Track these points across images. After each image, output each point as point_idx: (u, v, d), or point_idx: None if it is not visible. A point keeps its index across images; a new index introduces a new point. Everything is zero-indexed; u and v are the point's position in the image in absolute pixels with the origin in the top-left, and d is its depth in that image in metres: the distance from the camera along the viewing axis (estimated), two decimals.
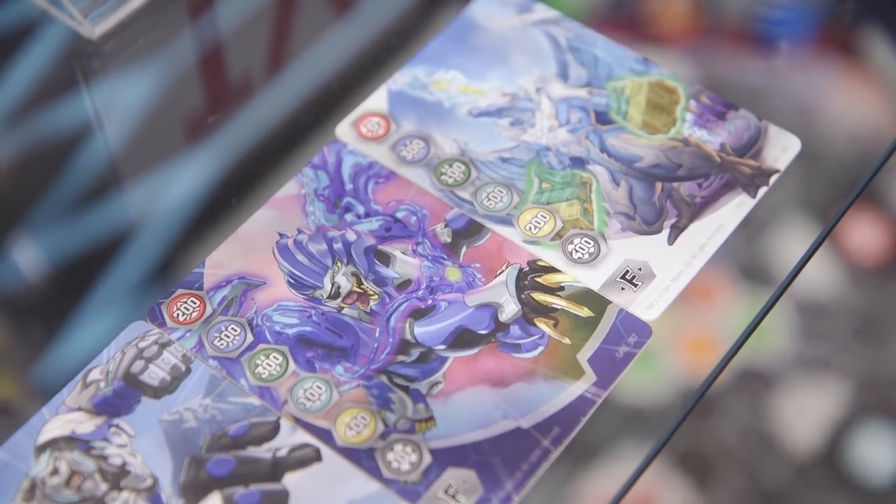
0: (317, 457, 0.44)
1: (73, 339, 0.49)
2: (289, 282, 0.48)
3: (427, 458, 0.44)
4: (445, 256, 0.49)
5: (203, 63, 0.56)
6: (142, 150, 0.54)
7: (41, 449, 0.45)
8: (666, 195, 0.50)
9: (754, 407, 0.71)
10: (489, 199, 0.50)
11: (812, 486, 0.66)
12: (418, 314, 0.47)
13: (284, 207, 0.50)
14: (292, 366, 0.46)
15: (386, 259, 0.49)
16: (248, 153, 0.53)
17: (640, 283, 0.48)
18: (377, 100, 0.53)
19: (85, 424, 0.45)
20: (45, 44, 0.56)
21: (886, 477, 0.67)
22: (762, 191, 0.50)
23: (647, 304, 0.47)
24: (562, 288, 0.48)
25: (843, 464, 0.66)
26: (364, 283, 0.48)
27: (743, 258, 0.54)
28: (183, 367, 0.46)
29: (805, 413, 0.68)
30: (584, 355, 0.46)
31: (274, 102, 0.55)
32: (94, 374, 0.46)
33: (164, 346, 0.47)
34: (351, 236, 0.49)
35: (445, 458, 0.44)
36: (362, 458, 0.44)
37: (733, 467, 0.68)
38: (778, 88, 0.56)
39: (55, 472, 0.44)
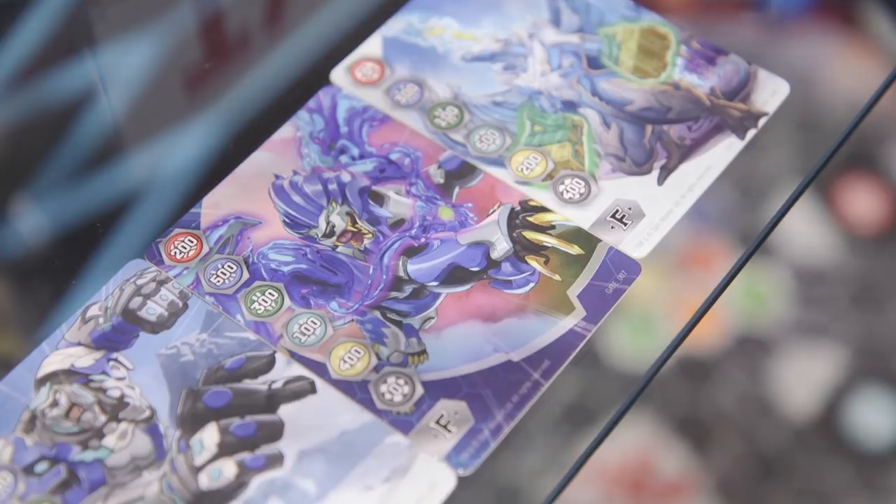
0: (311, 389, 0.45)
1: (73, 282, 0.50)
2: (284, 221, 0.49)
3: (419, 390, 0.45)
4: (438, 196, 0.49)
5: (201, 11, 0.57)
6: (142, 102, 0.55)
7: (41, 382, 0.46)
8: (656, 137, 0.51)
9: (752, 372, 0.72)
10: (482, 142, 0.51)
11: (809, 450, 0.67)
12: (411, 252, 0.48)
13: (280, 150, 0.51)
14: (287, 302, 0.47)
15: (380, 199, 0.49)
16: (245, 98, 0.54)
17: (629, 222, 0.49)
18: (372, 46, 0.54)
19: (84, 359, 0.46)
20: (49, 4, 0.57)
21: (883, 441, 0.68)
22: (751, 133, 0.51)
23: (637, 243, 0.48)
24: (552, 227, 0.49)
25: (840, 428, 0.67)
26: (358, 222, 0.49)
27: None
28: (180, 304, 0.47)
29: (803, 378, 0.69)
30: (574, 291, 0.47)
31: (270, 49, 0.55)
32: (93, 311, 0.47)
33: (161, 283, 0.48)
34: (345, 177, 0.50)
35: (437, 390, 0.45)
36: (356, 390, 0.45)
37: (731, 432, 0.68)
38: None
39: (55, 404, 0.45)
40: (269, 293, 0.47)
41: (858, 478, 0.66)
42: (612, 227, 0.48)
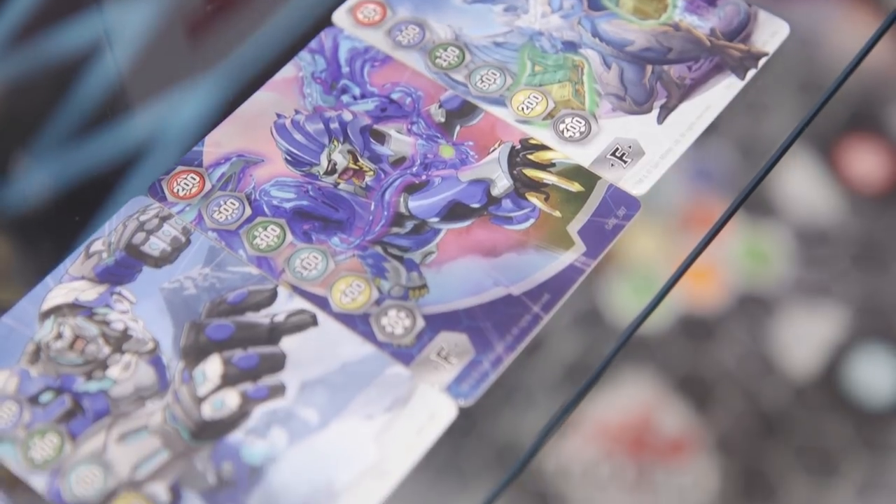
0: (313, 322, 0.45)
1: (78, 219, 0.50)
2: (286, 159, 0.49)
3: (420, 323, 0.45)
4: (439, 135, 0.50)
5: None
6: (145, 49, 0.55)
7: (45, 315, 0.46)
8: (656, 77, 0.51)
9: (754, 331, 0.72)
10: (483, 81, 0.51)
11: (810, 408, 0.67)
12: (412, 189, 0.48)
13: (282, 89, 0.51)
14: (289, 237, 0.47)
15: (381, 137, 0.50)
16: (248, 41, 0.54)
17: (629, 160, 0.49)
18: None
19: (88, 292, 0.46)
20: None
21: (883, 399, 0.68)
22: (751, 73, 0.51)
23: (637, 180, 0.48)
24: (553, 164, 0.49)
25: (840, 387, 0.67)
26: (360, 159, 0.49)
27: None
28: (183, 239, 0.47)
29: (804, 337, 0.69)
30: (574, 227, 0.47)
31: None
32: (97, 246, 0.47)
33: (164, 219, 0.48)
34: (347, 116, 0.50)
35: (438, 322, 0.45)
36: (357, 322, 0.45)
37: (732, 390, 0.69)
38: None
39: (59, 336, 0.45)
40: (272, 228, 0.47)
41: (859, 435, 0.67)
42: (612, 165, 0.49)
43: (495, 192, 0.48)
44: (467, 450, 0.58)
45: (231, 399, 0.44)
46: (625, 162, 0.49)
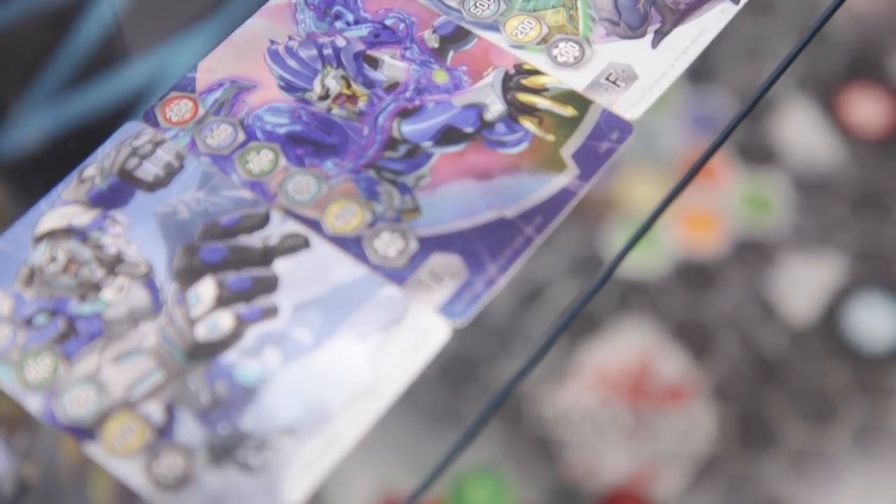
0: (306, 244, 0.46)
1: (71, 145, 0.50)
2: (279, 85, 0.49)
3: (413, 245, 0.45)
4: (433, 60, 0.50)
5: None
6: None
7: (39, 239, 0.46)
8: (650, 2, 0.51)
9: (753, 278, 0.72)
10: (476, 7, 0.51)
11: (809, 354, 0.67)
12: (406, 113, 0.48)
13: (275, 16, 0.51)
14: (283, 161, 0.47)
15: (374, 63, 0.49)
16: None
17: (622, 84, 0.49)
18: None
19: (81, 216, 0.46)
20: None
21: (881, 344, 0.68)
22: None
23: (630, 104, 0.48)
24: (546, 89, 0.49)
25: (839, 332, 0.67)
26: (353, 85, 0.49)
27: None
28: (176, 164, 0.47)
29: (803, 284, 0.69)
30: (567, 150, 0.47)
31: None
32: (90, 171, 0.47)
33: (157, 144, 0.48)
34: (340, 42, 0.50)
35: (431, 245, 0.45)
36: (350, 245, 0.45)
37: (731, 337, 0.69)
38: None
39: (53, 259, 0.46)
40: (265, 153, 0.47)
41: (856, 380, 0.67)
42: (606, 90, 0.49)
43: (489, 116, 0.48)
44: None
45: (224, 321, 0.44)
46: (618, 86, 0.49)
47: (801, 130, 0.79)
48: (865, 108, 0.84)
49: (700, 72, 0.73)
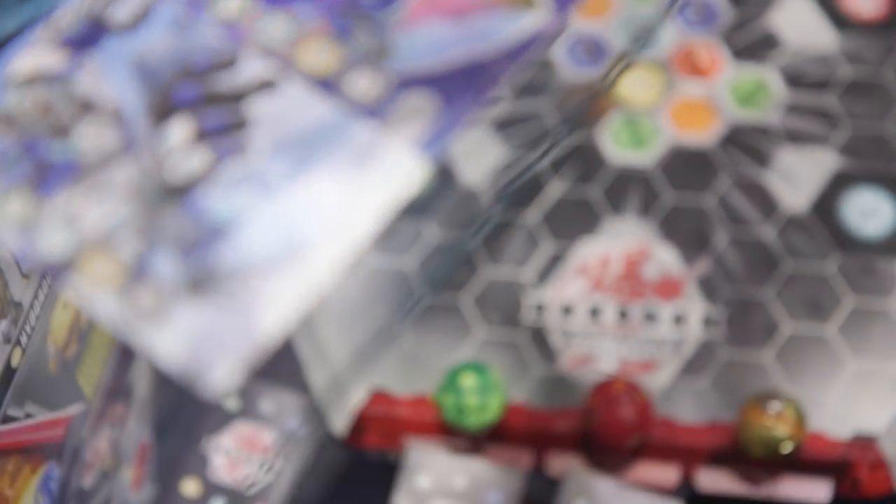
0: (278, 84, 0.45)
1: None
2: None
3: (387, 83, 0.45)
4: None
5: None
6: None
7: (9, 83, 0.46)
8: None
9: (746, 170, 0.71)
10: None
11: (802, 242, 0.67)
12: None
13: None
14: (254, 2, 0.47)
15: None
16: None
17: None
18: None
19: (52, 59, 0.46)
20: None
21: (877, 231, 0.68)
22: None
23: None
24: None
25: (834, 221, 0.67)
26: None
27: None
28: (147, 5, 0.47)
29: (797, 172, 0.69)
30: None
31: None
32: (60, 14, 0.47)
33: None
34: None
35: (405, 83, 0.45)
36: (323, 84, 0.45)
37: (724, 227, 0.68)
38: None
39: (23, 101, 0.45)
40: None
41: (849, 266, 0.67)
42: None
43: None
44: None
45: (197, 158, 0.44)
46: None
47: (796, 16, 0.79)
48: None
49: None
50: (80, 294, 0.43)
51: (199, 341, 0.41)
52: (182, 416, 0.60)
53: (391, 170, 0.44)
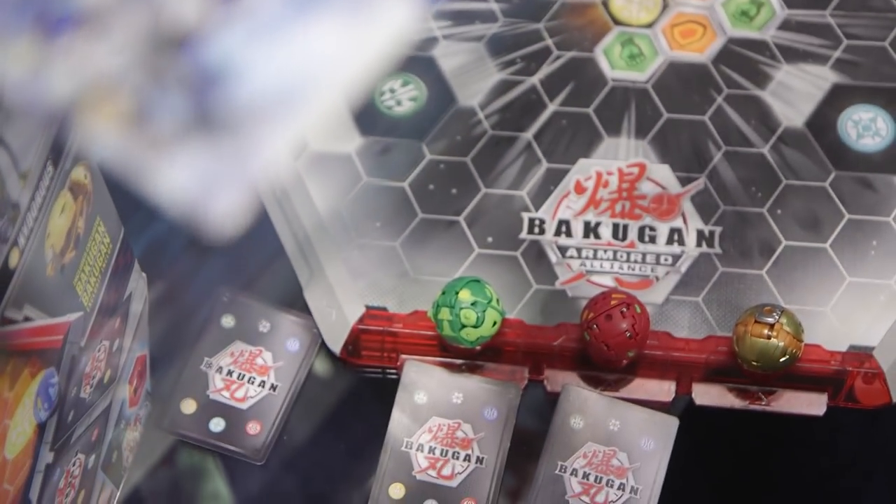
0: None
1: None
2: None
3: None
4: None
5: None
6: None
7: None
8: None
9: (746, 79, 0.71)
10: None
11: (801, 154, 0.67)
12: None
13: None
14: None
15: None
16: None
17: None
18: None
19: None
20: None
21: (871, 146, 0.67)
22: None
23: None
24: None
25: (832, 133, 0.67)
26: None
27: None
28: None
29: (797, 85, 0.68)
30: None
31: None
32: None
33: None
34: None
35: None
36: None
37: (723, 136, 0.68)
38: None
39: None
40: None
41: (847, 177, 0.66)
42: None
43: None
44: None
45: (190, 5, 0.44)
46: None
47: None
48: None
49: None
50: (85, 136, 0.43)
51: (201, 180, 0.41)
52: (181, 335, 0.60)
53: (390, 14, 0.43)
